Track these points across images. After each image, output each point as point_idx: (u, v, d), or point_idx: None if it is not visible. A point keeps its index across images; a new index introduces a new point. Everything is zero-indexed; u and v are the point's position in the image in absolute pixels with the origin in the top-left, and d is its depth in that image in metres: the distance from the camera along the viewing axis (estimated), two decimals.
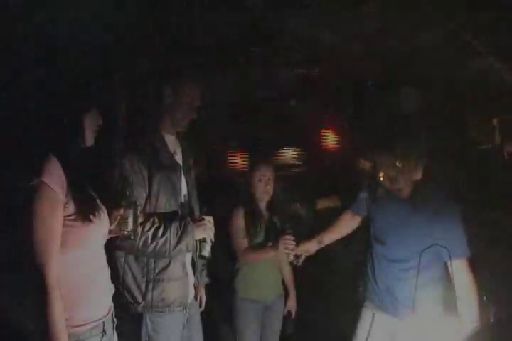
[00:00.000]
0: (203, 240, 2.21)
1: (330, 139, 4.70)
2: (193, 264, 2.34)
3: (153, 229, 2.09)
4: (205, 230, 2.19)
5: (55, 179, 1.56)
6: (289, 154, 4.99)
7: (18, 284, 1.72)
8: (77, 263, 1.65)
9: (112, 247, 2.00)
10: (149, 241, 2.08)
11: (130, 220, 1.87)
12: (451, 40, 3.07)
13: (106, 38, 2.31)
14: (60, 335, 1.53)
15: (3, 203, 1.66)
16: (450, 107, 3.53)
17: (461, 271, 2.15)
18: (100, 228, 1.72)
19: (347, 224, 2.74)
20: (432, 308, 2.21)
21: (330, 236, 2.76)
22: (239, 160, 4.82)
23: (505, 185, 3.21)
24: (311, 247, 2.71)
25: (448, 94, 3.46)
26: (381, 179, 2.26)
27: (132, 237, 1.90)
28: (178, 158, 2.34)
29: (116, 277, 2.09)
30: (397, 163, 2.18)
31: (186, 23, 2.66)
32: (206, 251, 2.23)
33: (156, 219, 2.12)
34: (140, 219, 1.99)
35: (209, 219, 2.22)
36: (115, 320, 1.85)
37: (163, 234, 2.10)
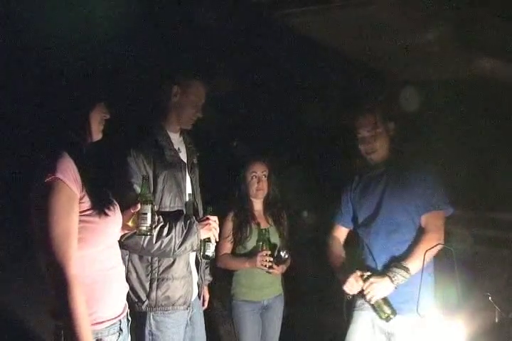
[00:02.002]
0: (208, 240, 2.22)
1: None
2: (197, 263, 2.34)
3: (158, 227, 2.08)
4: (210, 230, 2.20)
5: (69, 175, 1.55)
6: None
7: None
8: (93, 259, 1.64)
9: None
10: (154, 239, 2.06)
11: (148, 216, 1.87)
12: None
13: (114, 37, 2.30)
14: (85, 331, 1.49)
15: (19, 201, 1.64)
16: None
17: (431, 221, 2.24)
18: (116, 222, 1.72)
19: (343, 239, 2.66)
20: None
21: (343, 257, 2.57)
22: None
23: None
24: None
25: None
26: (360, 142, 2.41)
27: (149, 233, 1.91)
28: (183, 156, 2.34)
29: None
30: (376, 123, 2.36)
31: (195, 22, 2.65)
32: (210, 250, 2.24)
33: (161, 218, 2.12)
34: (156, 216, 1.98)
35: (214, 219, 2.23)
36: (130, 318, 1.84)
37: (168, 232, 2.09)
